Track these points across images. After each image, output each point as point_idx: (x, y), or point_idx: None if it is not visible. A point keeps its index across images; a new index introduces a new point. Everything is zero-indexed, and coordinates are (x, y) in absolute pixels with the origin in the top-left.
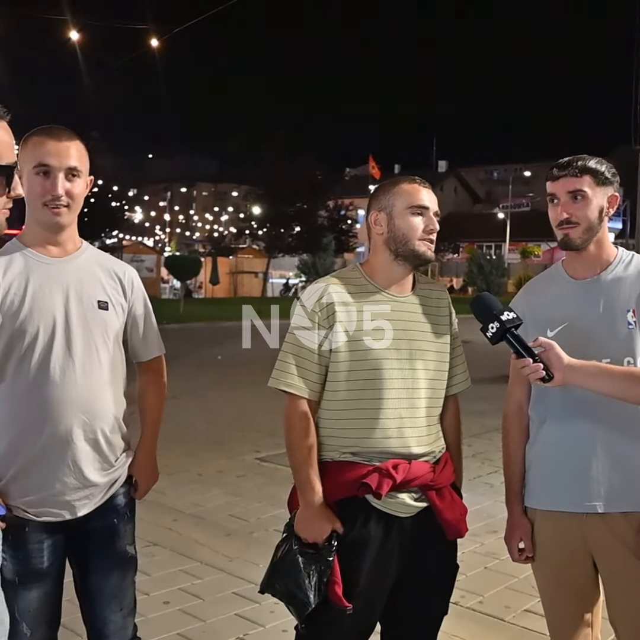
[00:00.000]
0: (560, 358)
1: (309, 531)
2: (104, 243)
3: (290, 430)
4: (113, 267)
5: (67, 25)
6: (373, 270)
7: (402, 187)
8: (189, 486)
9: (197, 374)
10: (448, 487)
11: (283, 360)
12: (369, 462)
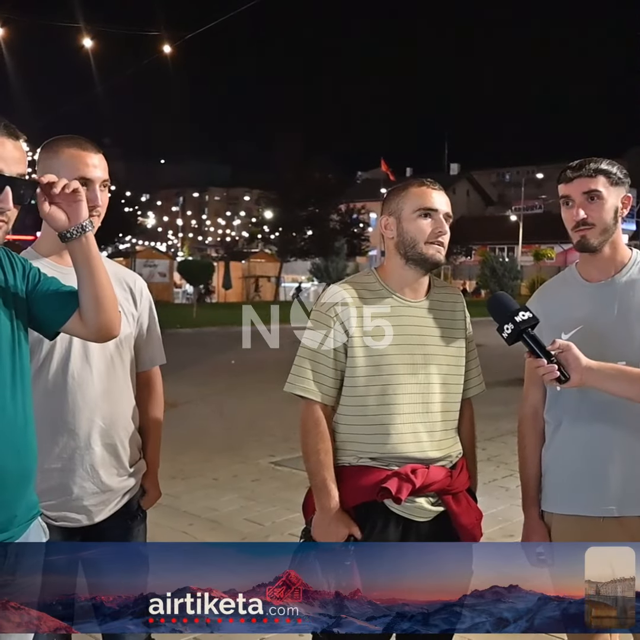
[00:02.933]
0: (578, 359)
1: (325, 536)
2: (117, 248)
3: (306, 434)
4: (124, 277)
5: (80, 33)
6: (387, 275)
7: (411, 190)
8: (204, 491)
9: (211, 379)
10: (464, 492)
11: (299, 365)
12: (387, 467)
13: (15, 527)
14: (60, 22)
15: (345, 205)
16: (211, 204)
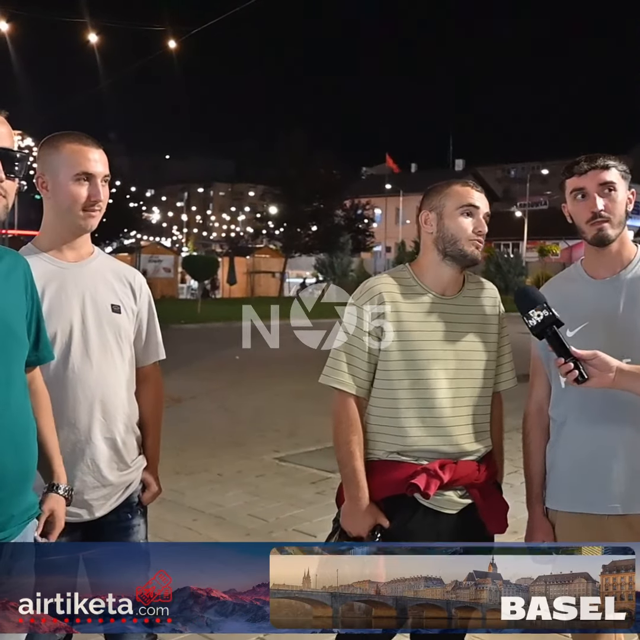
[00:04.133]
0: (607, 363)
1: (353, 525)
2: (122, 243)
3: (338, 425)
4: (124, 272)
5: (85, 28)
6: (422, 270)
7: (455, 188)
8: (208, 486)
9: (216, 374)
10: (490, 485)
11: (335, 358)
12: (416, 462)
13: (13, 526)
14: (66, 17)
15: (349, 200)
16: (216, 199)
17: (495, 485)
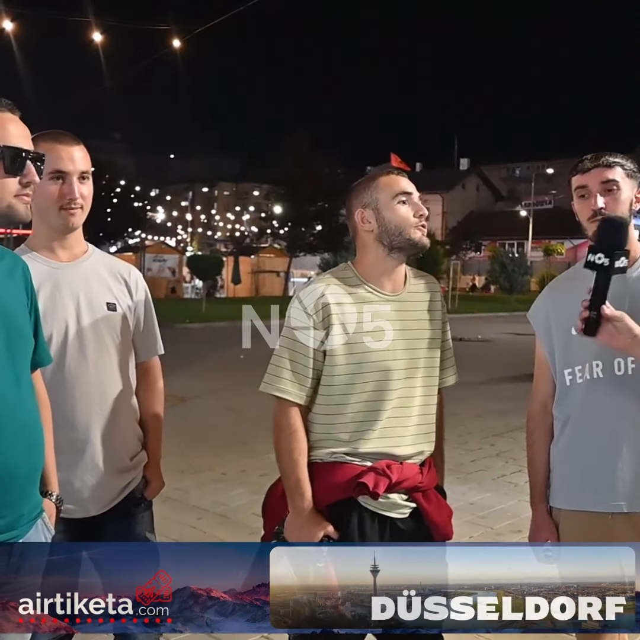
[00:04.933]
0: (631, 329)
1: (299, 537)
2: (127, 243)
3: (280, 434)
4: (118, 269)
5: (90, 27)
6: (365, 269)
7: (382, 179)
8: (213, 485)
9: (220, 374)
10: (433, 490)
11: (276, 365)
12: (361, 463)
13: (21, 525)
14: (70, 16)
15: None
16: (220, 198)
17: (438, 489)
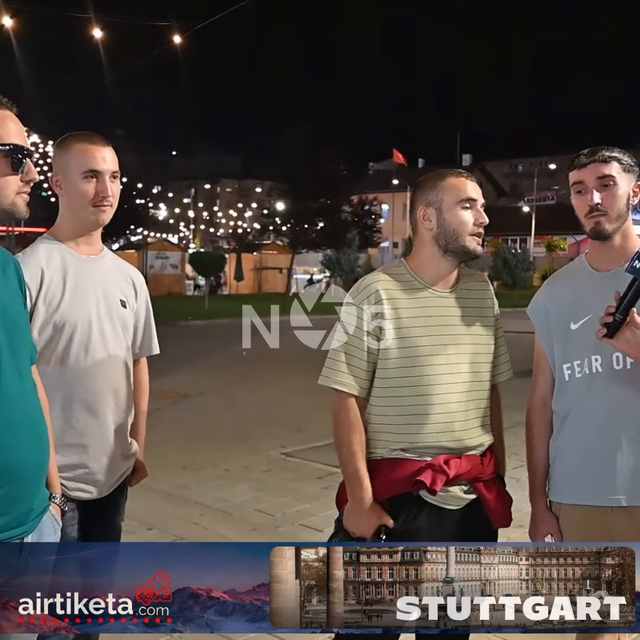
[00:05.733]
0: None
1: (357, 526)
2: (129, 240)
3: (339, 426)
4: (128, 271)
5: (90, 24)
6: (419, 266)
7: (450, 181)
8: (215, 481)
9: (223, 370)
10: (494, 479)
11: (333, 359)
12: (420, 458)
13: (30, 520)
14: (70, 12)
15: (357, 196)
16: (223, 195)
17: (499, 478)
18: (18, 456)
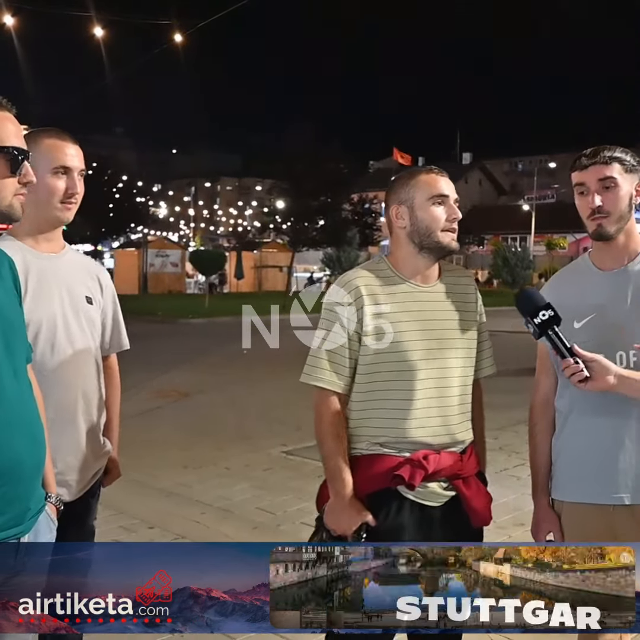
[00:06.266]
0: (608, 368)
1: (338, 523)
2: (129, 238)
3: (320, 422)
4: (91, 266)
5: (91, 22)
6: (398, 263)
7: (421, 178)
8: (216, 480)
9: (223, 369)
10: (474, 476)
11: (314, 356)
12: (399, 454)
13: (27, 520)
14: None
15: (357, 195)
16: (223, 193)
17: (479, 475)
18: (16, 456)
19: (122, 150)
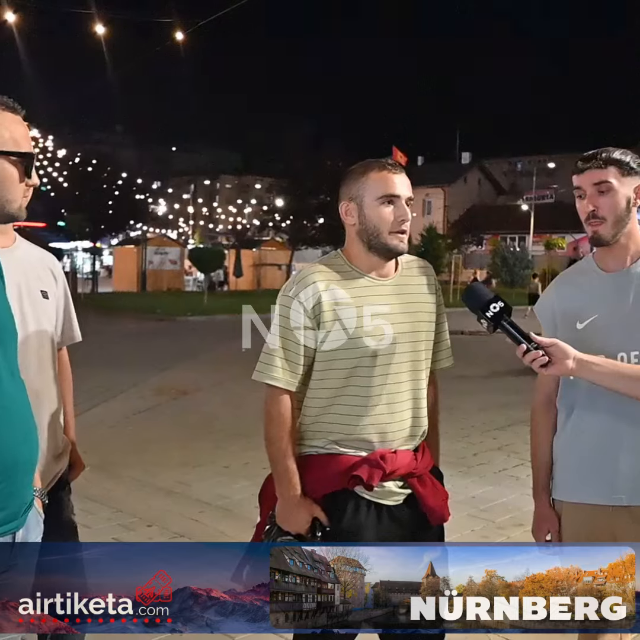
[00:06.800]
0: (565, 351)
1: (289, 523)
2: (128, 235)
3: (270, 422)
4: (45, 258)
5: (92, 20)
6: (352, 258)
7: (372, 175)
8: (215, 478)
9: (222, 367)
10: (428, 474)
11: (267, 353)
12: (355, 453)
13: (22, 514)
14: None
15: None
16: (222, 191)
17: (434, 471)
18: (15, 452)
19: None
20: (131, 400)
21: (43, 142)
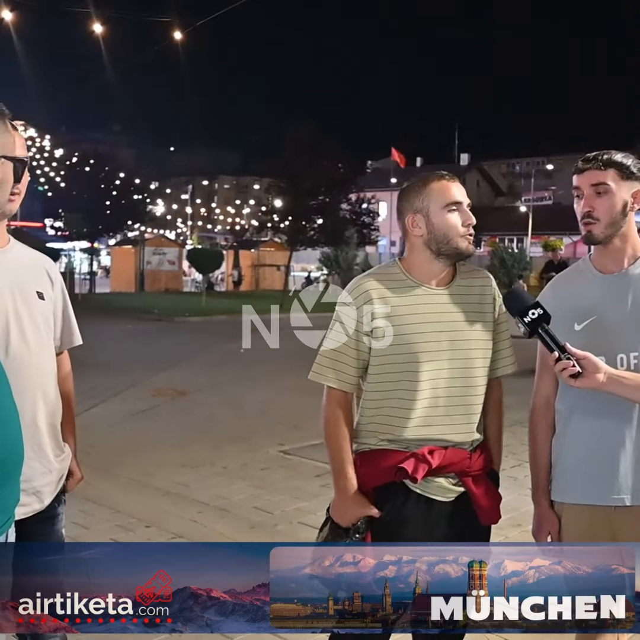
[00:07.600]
0: (597, 365)
1: (341, 516)
2: (126, 236)
3: (328, 420)
4: (40, 260)
5: (90, 18)
6: (412, 267)
7: (433, 186)
8: (213, 479)
9: (221, 368)
10: (484, 475)
11: (324, 356)
12: (406, 449)
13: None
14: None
15: (355, 194)
16: (221, 192)
17: (490, 474)
18: (15, 450)
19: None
20: (129, 401)
21: (40, 142)
